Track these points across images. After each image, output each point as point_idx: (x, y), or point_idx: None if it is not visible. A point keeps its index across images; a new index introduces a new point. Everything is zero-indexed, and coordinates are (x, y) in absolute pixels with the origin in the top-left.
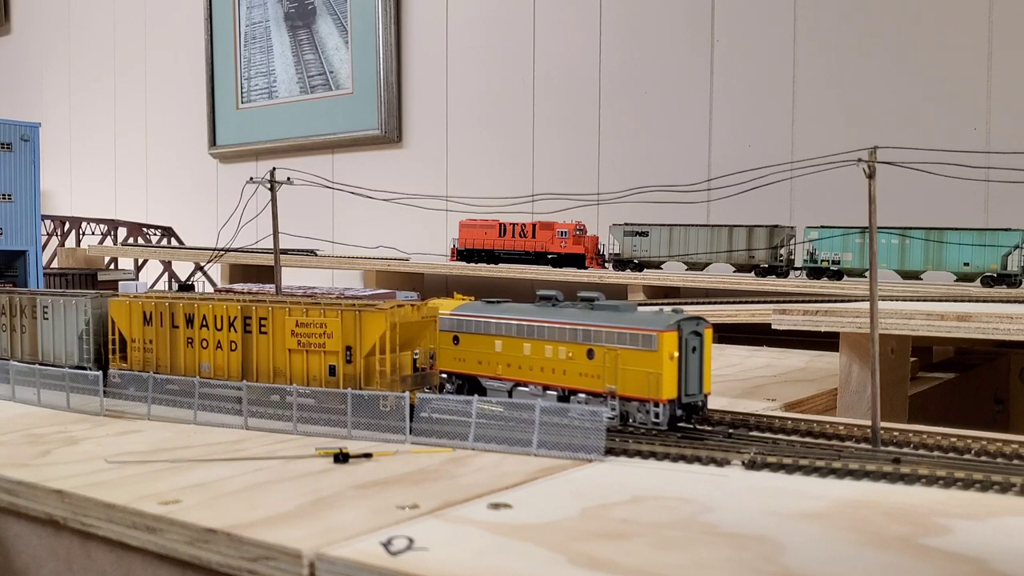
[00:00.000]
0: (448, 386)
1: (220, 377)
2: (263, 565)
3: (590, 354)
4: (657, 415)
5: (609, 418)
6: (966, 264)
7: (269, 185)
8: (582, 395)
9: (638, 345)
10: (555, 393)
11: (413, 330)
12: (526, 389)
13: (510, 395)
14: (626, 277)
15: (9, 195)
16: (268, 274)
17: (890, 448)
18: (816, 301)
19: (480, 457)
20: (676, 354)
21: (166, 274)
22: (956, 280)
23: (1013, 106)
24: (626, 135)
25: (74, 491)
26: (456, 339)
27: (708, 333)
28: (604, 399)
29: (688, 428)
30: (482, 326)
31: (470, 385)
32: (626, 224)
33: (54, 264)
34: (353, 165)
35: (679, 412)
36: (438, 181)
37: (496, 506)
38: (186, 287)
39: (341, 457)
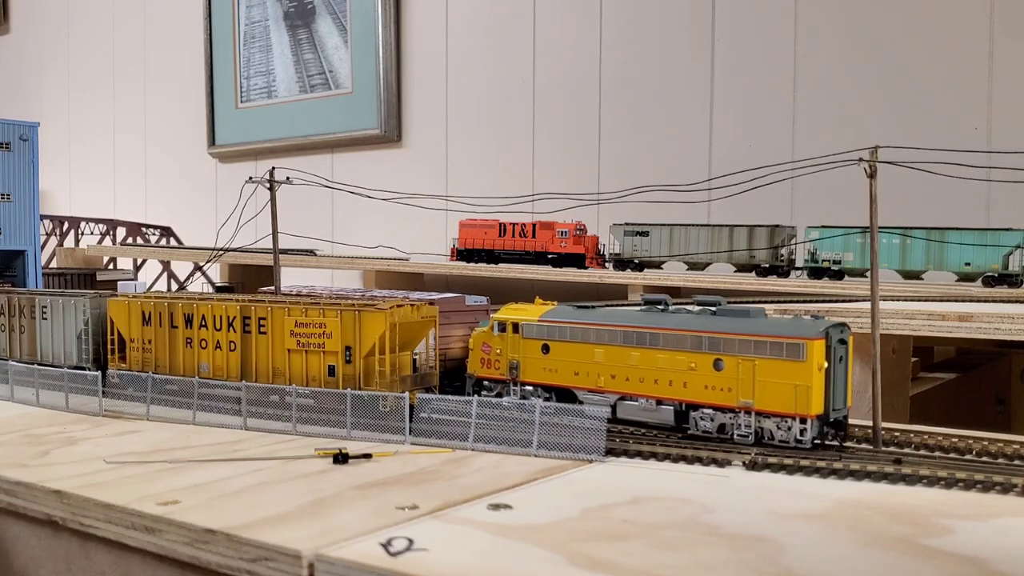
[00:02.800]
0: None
1: (219, 377)
2: (262, 566)
3: (717, 364)
4: (802, 432)
5: (741, 436)
6: (967, 264)
7: (268, 185)
8: (707, 410)
9: (781, 355)
10: (671, 408)
11: (413, 330)
12: (634, 403)
13: (614, 409)
14: (626, 277)
15: (8, 195)
16: (268, 274)
17: (891, 448)
18: (817, 301)
19: (480, 458)
20: (825, 364)
21: (165, 274)
22: (957, 280)
23: (1014, 106)
24: (626, 135)
25: (73, 491)
26: (546, 348)
27: (851, 341)
28: (736, 414)
29: (832, 445)
30: (579, 333)
31: (562, 397)
32: (626, 224)
33: (53, 264)
34: (353, 165)
35: (824, 429)
36: (438, 181)
37: (496, 507)
38: (224, 289)
39: (341, 457)
